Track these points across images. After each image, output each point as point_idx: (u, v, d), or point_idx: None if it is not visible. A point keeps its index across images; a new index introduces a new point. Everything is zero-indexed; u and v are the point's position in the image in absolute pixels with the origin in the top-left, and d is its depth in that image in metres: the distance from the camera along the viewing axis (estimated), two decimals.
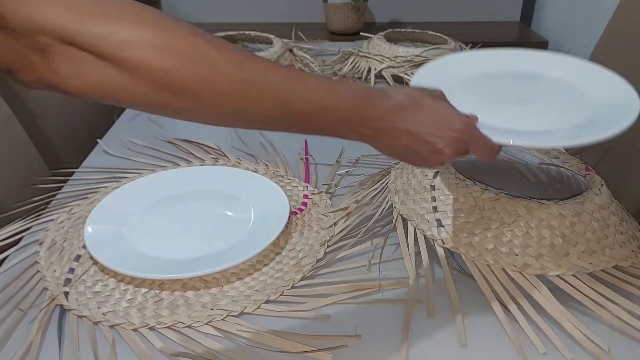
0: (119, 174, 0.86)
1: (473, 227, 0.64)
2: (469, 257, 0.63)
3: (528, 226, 0.62)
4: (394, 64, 1.26)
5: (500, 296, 0.59)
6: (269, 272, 0.64)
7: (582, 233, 0.63)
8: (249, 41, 1.44)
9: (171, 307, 0.59)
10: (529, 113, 0.67)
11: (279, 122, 0.45)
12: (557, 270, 0.60)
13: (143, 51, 0.37)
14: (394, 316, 0.58)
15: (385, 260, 0.66)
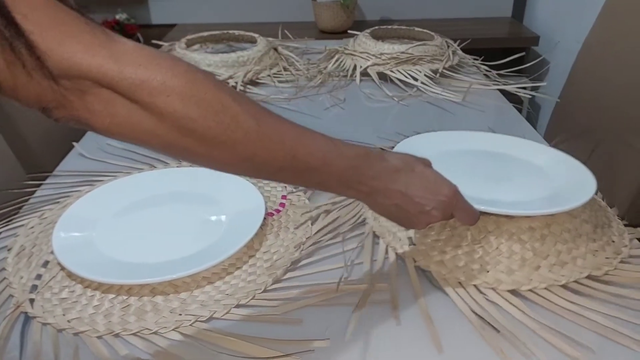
0: (94, 177, 0.84)
1: (444, 245, 0.64)
2: (439, 275, 0.61)
3: (498, 242, 0.63)
4: (379, 61, 1.24)
5: (473, 309, 0.57)
6: (241, 275, 0.63)
7: (553, 245, 0.63)
8: (234, 40, 1.43)
9: (138, 313, 0.57)
10: (497, 188, 0.72)
11: (285, 173, 0.48)
12: (529, 285, 0.59)
13: (172, 98, 0.40)
14: (367, 320, 0.57)
15: (358, 263, 0.64)
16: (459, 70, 1.30)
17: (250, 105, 0.44)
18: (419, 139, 0.82)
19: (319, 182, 0.50)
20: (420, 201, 0.53)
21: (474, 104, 1.13)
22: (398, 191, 0.52)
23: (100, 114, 0.40)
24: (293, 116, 1.07)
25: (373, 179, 0.51)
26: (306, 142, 0.47)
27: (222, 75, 1.18)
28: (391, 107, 1.12)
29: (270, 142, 0.44)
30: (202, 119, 0.41)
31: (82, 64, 0.37)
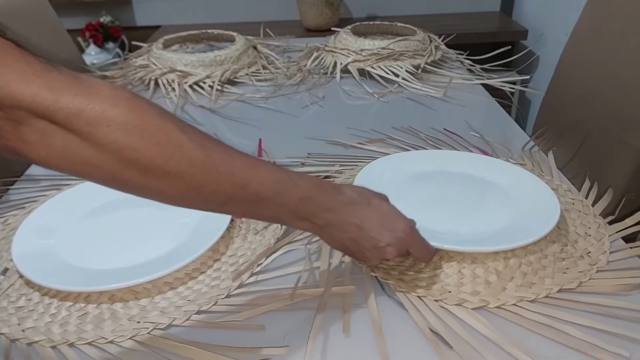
0: (62, 181, 0.82)
1: (406, 270, 0.62)
2: (398, 289, 0.59)
3: (460, 266, 0.61)
4: (360, 57, 1.22)
5: (434, 325, 0.54)
6: (205, 280, 0.61)
7: (517, 267, 0.61)
8: (214, 40, 1.41)
9: (96, 322, 0.55)
10: (458, 213, 0.71)
11: (235, 205, 0.46)
12: (496, 302, 0.57)
13: (113, 128, 0.38)
14: (331, 325, 0.55)
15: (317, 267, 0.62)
16: (442, 66, 1.28)
17: (197, 135, 0.43)
18: (381, 163, 0.80)
19: (272, 215, 0.49)
20: (375, 236, 0.52)
21: (456, 99, 1.11)
22: (354, 224, 0.51)
23: (36, 145, 0.38)
24: (271, 115, 1.06)
25: (328, 211, 0.50)
26: (257, 172, 0.46)
27: (199, 75, 1.16)
28: (371, 104, 1.11)
29: (218, 172, 0.43)
30: (145, 149, 0.40)
31: (15, 93, 0.36)
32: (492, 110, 1.07)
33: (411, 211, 0.65)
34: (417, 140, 0.93)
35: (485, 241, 0.63)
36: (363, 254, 0.54)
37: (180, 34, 1.36)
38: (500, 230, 0.66)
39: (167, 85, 1.16)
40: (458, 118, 1.02)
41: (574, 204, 0.74)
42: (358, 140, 0.93)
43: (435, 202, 0.73)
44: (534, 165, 0.84)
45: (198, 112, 1.07)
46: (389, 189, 0.73)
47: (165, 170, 0.41)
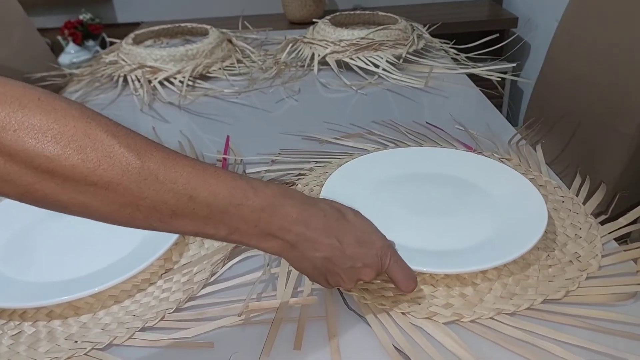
0: None
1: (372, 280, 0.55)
2: (362, 300, 0.53)
3: (432, 279, 0.56)
4: (338, 48, 1.17)
5: (398, 341, 0.49)
6: (153, 292, 0.55)
7: (497, 278, 0.55)
8: (188, 34, 1.35)
9: (30, 342, 0.50)
10: (436, 226, 0.64)
11: (183, 220, 0.39)
12: (471, 316, 0.51)
13: (21, 133, 0.33)
14: (286, 341, 0.50)
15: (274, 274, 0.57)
16: (425, 56, 1.23)
17: (130, 138, 0.37)
18: (351, 167, 0.73)
19: (230, 232, 0.41)
20: (352, 255, 0.46)
21: (439, 90, 1.06)
22: (329, 241, 0.44)
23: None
24: (243, 111, 1.01)
25: (298, 223, 0.43)
26: (206, 179, 0.39)
27: (169, 70, 1.10)
28: (349, 97, 1.05)
29: (158, 181, 0.37)
30: (63, 157, 0.34)
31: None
32: (477, 102, 1.02)
33: (386, 220, 0.59)
34: (397, 135, 0.88)
35: (464, 256, 0.57)
36: (337, 275, 0.47)
37: (152, 28, 1.30)
38: (481, 242, 0.59)
39: (135, 81, 1.10)
40: (441, 110, 0.97)
41: (564, 202, 0.68)
42: (335, 135, 0.88)
43: (413, 209, 0.66)
44: (521, 160, 0.78)
45: (166, 109, 1.01)
46: (363, 193, 0.68)
47: (91, 181, 0.35)
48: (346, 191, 0.67)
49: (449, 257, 0.57)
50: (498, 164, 0.73)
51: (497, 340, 0.49)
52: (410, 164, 0.75)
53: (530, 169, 0.76)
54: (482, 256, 0.56)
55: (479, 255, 0.57)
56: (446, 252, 0.59)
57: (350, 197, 0.66)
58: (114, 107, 1.04)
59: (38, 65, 1.30)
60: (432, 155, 0.76)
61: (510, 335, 0.49)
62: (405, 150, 0.78)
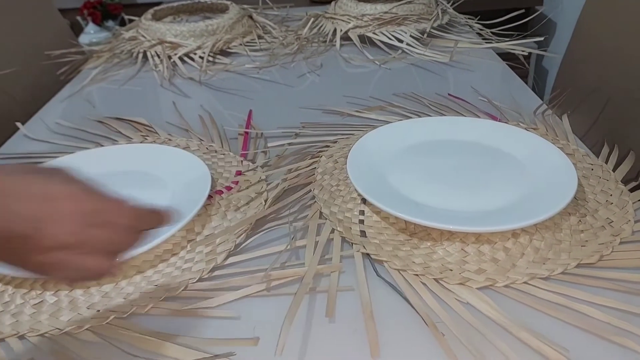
0: (37, 159, 0.76)
1: (400, 244, 0.54)
2: (392, 266, 0.52)
3: (463, 243, 0.54)
4: (361, 23, 1.14)
5: (430, 305, 0.48)
6: (176, 262, 0.54)
7: (528, 243, 0.54)
8: (208, 10, 1.33)
9: (52, 311, 0.49)
10: (464, 190, 0.62)
11: None
12: (505, 281, 0.49)
13: None
14: (315, 310, 0.48)
15: (302, 246, 0.56)
16: (450, 31, 1.19)
17: None
18: (378, 133, 0.71)
19: None
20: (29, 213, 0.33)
21: (464, 64, 1.03)
22: None
23: None
24: (265, 86, 0.99)
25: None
26: None
27: (189, 46, 1.09)
28: (372, 72, 1.03)
29: None
30: None
31: None
32: (502, 75, 0.99)
33: (414, 186, 0.62)
34: (419, 107, 0.86)
35: (493, 218, 0.55)
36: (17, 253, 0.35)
37: (171, 4, 1.29)
38: (511, 204, 0.58)
39: (155, 57, 1.09)
40: (465, 83, 0.94)
41: (593, 170, 0.66)
42: (357, 108, 0.86)
43: (438, 174, 0.65)
44: (548, 130, 0.76)
45: (187, 85, 1.00)
46: (389, 160, 0.67)
47: None
48: (370, 161, 0.65)
49: (479, 218, 0.56)
50: (524, 132, 0.70)
51: (533, 304, 0.47)
52: (434, 132, 0.73)
53: (557, 138, 0.74)
54: (514, 217, 0.54)
55: (510, 216, 0.55)
56: (476, 213, 0.57)
57: (375, 165, 0.65)
58: (134, 82, 1.03)
59: (58, 43, 1.29)
60: (456, 123, 0.74)
61: (545, 299, 0.47)
62: (428, 119, 0.76)
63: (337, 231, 0.57)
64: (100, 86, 1.02)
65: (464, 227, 0.53)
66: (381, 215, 0.59)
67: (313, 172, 0.69)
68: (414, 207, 0.58)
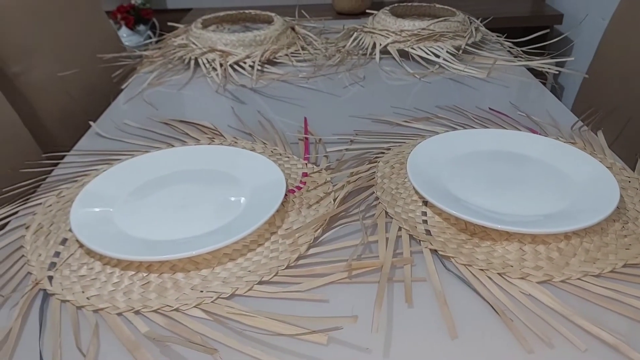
0: (111, 156, 0.83)
1: (462, 243, 0.61)
2: (459, 261, 0.58)
3: (521, 243, 0.61)
4: (399, 38, 1.21)
5: (496, 295, 0.54)
6: (263, 252, 0.61)
7: (579, 244, 0.60)
8: (250, 21, 1.40)
9: (159, 290, 0.56)
10: (516, 196, 0.68)
11: None
12: (562, 276, 0.56)
13: None
14: (393, 297, 0.54)
15: (374, 242, 0.62)
16: (482, 47, 1.27)
17: None
18: (433, 141, 0.78)
19: None
20: None
21: (498, 80, 1.09)
22: None
23: None
24: (313, 95, 1.06)
25: None
26: None
27: (239, 55, 1.16)
28: (412, 84, 1.09)
29: None
30: None
31: None
32: (536, 91, 1.06)
33: (469, 190, 0.69)
34: (463, 119, 0.92)
35: (547, 222, 0.62)
36: None
37: (217, 14, 1.36)
38: (561, 210, 0.64)
39: (207, 64, 1.16)
40: (502, 98, 1.01)
41: (630, 182, 0.72)
42: (403, 119, 0.93)
43: (493, 181, 0.71)
44: (585, 144, 0.82)
45: (240, 92, 1.07)
46: (444, 167, 0.73)
47: None
48: (427, 167, 0.72)
49: (534, 221, 0.62)
50: (566, 145, 0.77)
51: (588, 297, 0.53)
52: (483, 143, 0.80)
53: (595, 152, 0.80)
54: (565, 221, 0.61)
55: (562, 220, 0.61)
56: (530, 217, 0.64)
57: (432, 171, 0.71)
58: (189, 88, 1.10)
59: (105, 45, 1.36)
60: (502, 136, 0.81)
61: (598, 294, 0.54)
62: (477, 131, 0.83)
63: (404, 229, 0.64)
64: (157, 90, 1.09)
65: (522, 229, 0.59)
66: (443, 216, 0.65)
67: (372, 175, 0.75)
68: (473, 209, 0.64)
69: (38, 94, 1.02)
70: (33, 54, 1.09)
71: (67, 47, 1.21)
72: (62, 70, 1.15)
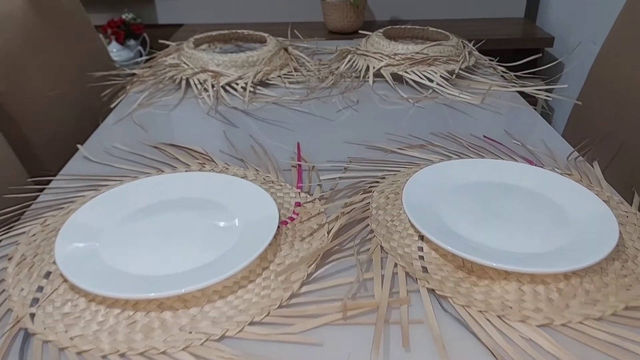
0: (99, 181, 0.80)
1: (460, 281, 0.60)
2: (457, 302, 0.57)
3: (519, 283, 0.59)
4: (393, 61, 1.20)
5: (495, 340, 0.52)
6: (254, 289, 0.59)
7: (579, 285, 0.59)
8: (242, 40, 1.39)
9: (145, 331, 0.54)
10: (514, 230, 0.67)
11: None
12: (562, 320, 0.54)
13: None
14: (389, 340, 0.53)
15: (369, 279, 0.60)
16: (475, 72, 1.26)
17: None
18: (426, 174, 0.77)
19: None
20: None
21: (491, 106, 1.09)
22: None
23: None
24: (306, 118, 1.04)
25: None
26: None
27: (231, 76, 1.14)
28: (406, 109, 1.08)
29: None
30: None
31: None
32: (529, 118, 1.05)
33: (466, 224, 0.68)
34: (458, 147, 0.91)
35: (546, 260, 0.61)
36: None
37: (210, 33, 1.34)
38: (559, 248, 0.63)
39: (199, 85, 1.14)
40: (496, 125, 1.00)
41: (628, 217, 0.71)
42: (397, 145, 0.91)
43: (490, 214, 0.70)
44: (582, 176, 0.82)
45: (232, 114, 1.05)
46: (440, 198, 0.72)
47: None
48: (422, 199, 0.71)
49: (532, 259, 0.61)
50: (564, 178, 0.76)
51: (589, 342, 0.52)
52: (479, 174, 0.79)
53: (592, 185, 0.79)
54: (564, 260, 0.60)
55: (560, 259, 0.60)
56: (528, 255, 0.62)
57: (428, 203, 0.70)
58: (180, 109, 1.08)
59: (95, 62, 1.34)
60: (499, 166, 0.80)
61: (599, 339, 0.52)
62: (472, 161, 0.82)
63: (400, 265, 0.62)
64: (147, 111, 1.07)
65: (520, 268, 0.58)
66: (439, 252, 0.64)
67: (367, 206, 0.74)
68: (471, 245, 0.63)
69: (24, 114, 1.00)
70: (19, 71, 1.06)
71: (55, 64, 1.18)
72: (50, 88, 1.13)
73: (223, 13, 2.24)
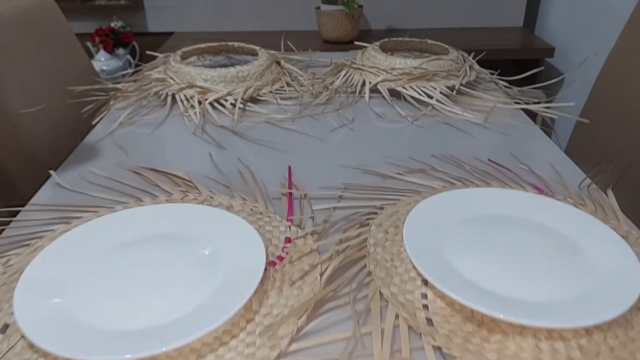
0: (72, 212, 0.74)
1: (469, 335, 0.53)
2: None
3: (536, 339, 0.53)
4: (390, 77, 1.14)
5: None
6: (237, 346, 0.52)
7: (603, 341, 0.52)
8: (233, 52, 1.33)
9: None
10: (527, 274, 0.60)
11: None
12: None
13: None
14: None
15: (367, 333, 0.54)
16: (476, 87, 1.20)
17: None
18: (428, 206, 0.70)
19: None
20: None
21: (494, 125, 1.03)
22: None
23: None
24: (298, 138, 0.98)
25: None
26: None
27: (220, 92, 1.08)
28: (404, 128, 1.02)
29: None
30: None
31: None
32: (535, 137, 0.99)
33: (475, 266, 0.61)
34: (461, 172, 0.85)
35: (563, 310, 0.54)
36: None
37: (198, 45, 1.28)
38: (579, 296, 0.57)
39: (185, 101, 1.07)
40: (501, 147, 0.94)
41: None
42: (396, 170, 0.85)
43: (498, 254, 0.63)
44: (596, 207, 0.75)
45: (220, 134, 0.98)
46: (445, 235, 0.66)
47: None
48: (425, 236, 0.65)
49: (549, 310, 0.54)
50: (578, 212, 0.70)
51: None
52: (486, 205, 0.72)
53: (607, 217, 0.73)
54: (584, 311, 0.53)
55: (580, 309, 0.54)
56: (544, 305, 0.55)
57: (432, 241, 0.64)
58: (165, 128, 1.01)
59: (78, 77, 1.27)
60: (507, 197, 0.74)
61: None
62: (479, 190, 0.75)
63: (402, 317, 0.55)
64: (129, 130, 1.00)
65: (537, 323, 0.51)
66: (445, 300, 0.57)
67: (364, 242, 0.67)
68: (480, 292, 0.57)
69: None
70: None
71: (34, 79, 1.12)
72: (28, 104, 1.06)
73: (215, 21, 2.17)
